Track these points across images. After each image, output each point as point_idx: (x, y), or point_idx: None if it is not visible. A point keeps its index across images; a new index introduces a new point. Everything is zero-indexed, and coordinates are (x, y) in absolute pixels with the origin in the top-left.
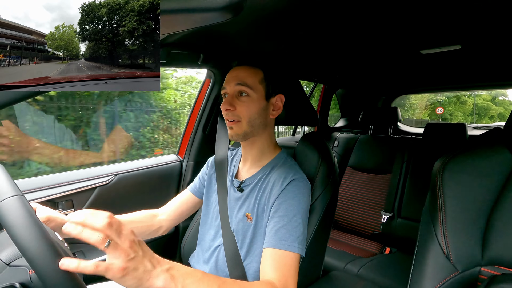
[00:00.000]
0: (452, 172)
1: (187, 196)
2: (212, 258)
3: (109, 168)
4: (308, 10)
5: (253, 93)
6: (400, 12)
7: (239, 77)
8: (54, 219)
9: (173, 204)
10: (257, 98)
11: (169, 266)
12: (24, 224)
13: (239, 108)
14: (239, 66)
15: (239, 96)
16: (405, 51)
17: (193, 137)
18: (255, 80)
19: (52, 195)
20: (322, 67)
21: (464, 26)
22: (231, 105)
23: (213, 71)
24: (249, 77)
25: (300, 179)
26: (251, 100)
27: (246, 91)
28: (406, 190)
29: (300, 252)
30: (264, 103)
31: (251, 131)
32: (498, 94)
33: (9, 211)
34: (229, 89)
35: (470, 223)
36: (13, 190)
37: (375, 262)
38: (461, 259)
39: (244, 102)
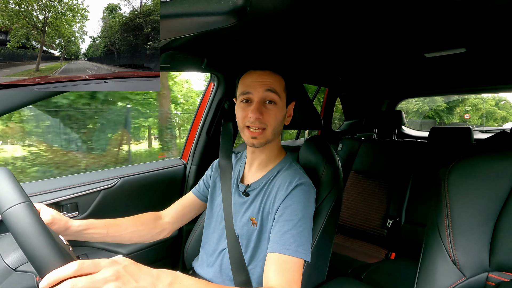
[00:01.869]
0: (458, 177)
1: (191, 199)
2: (217, 262)
3: (113, 171)
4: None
5: (279, 101)
6: (404, 15)
7: (268, 84)
8: (58, 221)
9: (176, 206)
10: (282, 107)
11: (171, 279)
12: (32, 233)
13: (266, 116)
14: (262, 71)
15: (265, 104)
16: (409, 54)
17: (197, 141)
18: (281, 87)
19: (57, 198)
20: (325, 71)
21: (468, 29)
22: (261, 114)
23: (217, 75)
24: (277, 84)
25: (305, 183)
26: (277, 108)
27: (274, 99)
28: (411, 194)
29: (304, 257)
30: (285, 111)
31: (272, 139)
32: (501, 99)
33: (17, 219)
34: (256, 95)
35: (477, 228)
36: (21, 196)
37: (380, 267)
38: (468, 264)
39: (271, 110)
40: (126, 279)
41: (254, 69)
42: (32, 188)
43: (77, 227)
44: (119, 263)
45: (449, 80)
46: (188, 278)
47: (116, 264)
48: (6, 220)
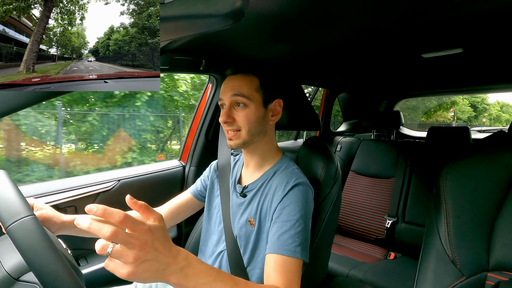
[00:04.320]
0: (456, 176)
1: (187, 198)
2: (215, 264)
3: (111, 174)
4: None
5: (250, 102)
6: (401, 16)
7: (234, 87)
8: (51, 217)
9: (172, 204)
10: (255, 107)
11: (184, 263)
12: (40, 249)
13: (238, 119)
14: (233, 75)
15: (236, 107)
16: (406, 55)
17: (196, 143)
18: (251, 88)
19: (55, 201)
20: (323, 72)
21: (465, 29)
22: (229, 117)
23: (215, 76)
24: (245, 86)
25: (302, 184)
26: (249, 110)
27: (242, 101)
28: (410, 194)
29: (303, 258)
30: (262, 110)
31: (251, 139)
32: (504, 104)
33: (23, 234)
34: (226, 100)
35: (475, 228)
36: (25, 209)
37: (379, 268)
38: (467, 264)
39: (241, 112)
40: (148, 253)
41: (228, 74)
42: (31, 190)
43: (70, 220)
44: (152, 234)
45: (446, 80)
46: (201, 264)
47: (149, 235)
48: (12, 235)
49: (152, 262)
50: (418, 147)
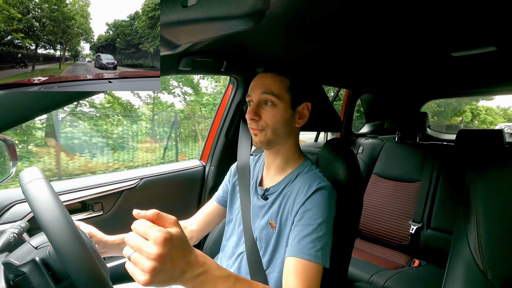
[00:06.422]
0: (488, 182)
1: (213, 206)
2: (235, 265)
3: (135, 172)
4: (330, 14)
5: (279, 102)
6: (429, 12)
7: (265, 85)
8: (94, 234)
9: (201, 214)
10: (283, 107)
11: (201, 270)
12: (48, 203)
13: (264, 117)
14: (264, 73)
15: (264, 105)
16: (434, 54)
17: (216, 143)
18: (282, 88)
19: (83, 197)
20: (346, 72)
21: (499, 25)
22: (256, 115)
23: (235, 77)
24: (275, 85)
25: (326, 187)
26: (277, 110)
27: (271, 100)
28: (437, 199)
29: (323, 263)
30: (290, 112)
31: (275, 140)
32: (488, 108)
33: (34, 191)
34: (254, 97)
35: (508, 237)
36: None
37: (403, 275)
38: (499, 275)
39: (270, 111)
40: (164, 264)
41: (259, 72)
42: (60, 187)
43: (112, 241)
44: (170, 243)
45: (477, 81)
46: (219, 270)
47: (167, 244)
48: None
49: (168, 271)
50: (446, 150)
